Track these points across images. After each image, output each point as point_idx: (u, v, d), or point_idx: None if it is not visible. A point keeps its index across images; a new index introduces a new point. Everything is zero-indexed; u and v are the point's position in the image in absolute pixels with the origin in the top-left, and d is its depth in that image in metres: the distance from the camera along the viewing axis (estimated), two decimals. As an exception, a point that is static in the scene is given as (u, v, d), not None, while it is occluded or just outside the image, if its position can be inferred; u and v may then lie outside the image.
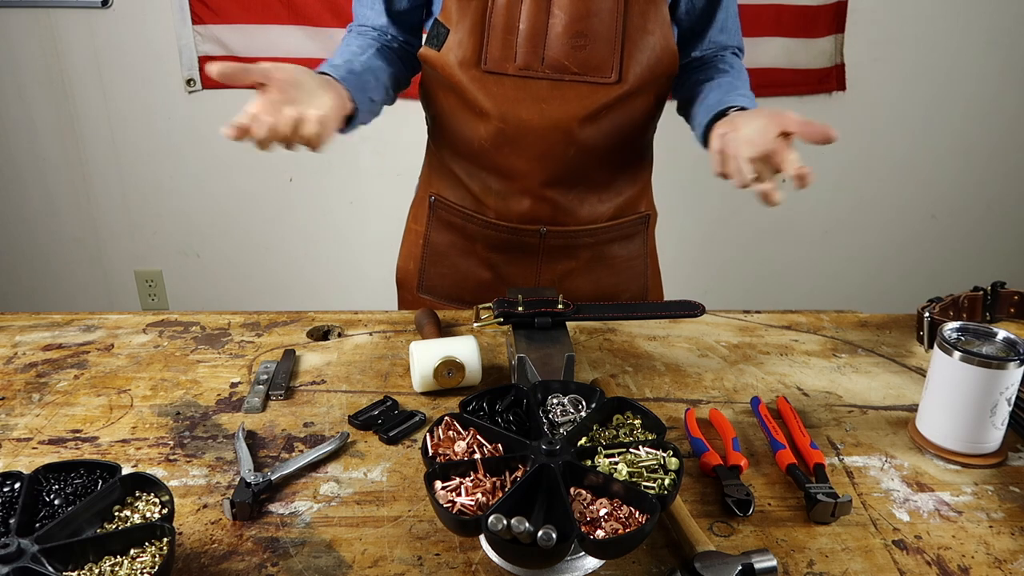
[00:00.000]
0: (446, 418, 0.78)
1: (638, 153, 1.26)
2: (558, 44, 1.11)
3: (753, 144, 0.90)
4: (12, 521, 0.66)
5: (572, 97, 1.13)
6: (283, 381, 1.03)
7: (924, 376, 0.97)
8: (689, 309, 1.07)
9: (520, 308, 1.01)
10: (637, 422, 0.80)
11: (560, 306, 1.03)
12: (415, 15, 1.24)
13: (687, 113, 1.21)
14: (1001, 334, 0.89)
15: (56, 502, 0.69)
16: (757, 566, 0.68)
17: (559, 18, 1.10)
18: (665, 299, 1.44)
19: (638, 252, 1.34)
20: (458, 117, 1.20)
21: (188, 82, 2.58)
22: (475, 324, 1.04)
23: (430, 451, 0.74)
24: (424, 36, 1.21)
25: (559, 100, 1.13)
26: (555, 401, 0.83)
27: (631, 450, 0.74)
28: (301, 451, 0.89)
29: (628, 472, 0.72)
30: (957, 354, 0.85)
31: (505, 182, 1.21)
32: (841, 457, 0.89)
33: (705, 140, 1.08)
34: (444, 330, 1.18)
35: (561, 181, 1.20)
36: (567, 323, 1.03)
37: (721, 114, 1.05)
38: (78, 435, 0.92)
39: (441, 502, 0.68)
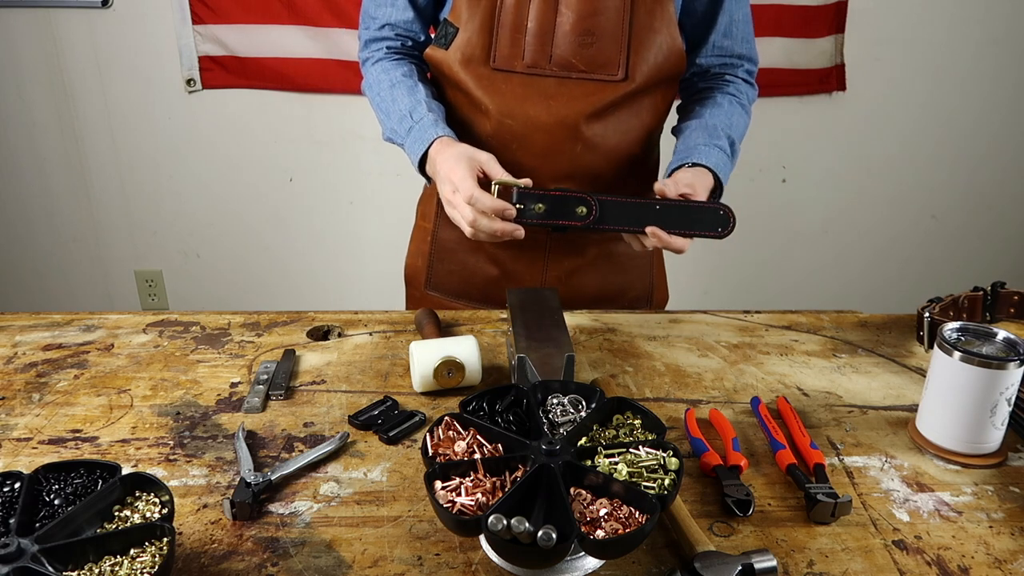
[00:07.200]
0: (446, 418, 0.78)
1: (645, 152, 1.27)
2: (566, 42, 1.11)
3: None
4: (12, 521, 0.66)
5: (579, 94, 1.14)
6: (283, 381, 1.03)
7: (924, 376, 0.97)
8: (714, 214, 1.05)
9: (540, 206, 1.03)
10: (637, 422, 0.80)
11: (582, 209, 1.04)
12: (434, 8, 1.23)
13: (677, 136, 1.25)
14: (1001, 334, 0.89)
15: (56, 502, 0.69)
16: (757, 566, 0.68)
17: (567, 16, 1.10)
18: (669, 299, 1.45)
19: (645, 251, 1.34)
20: (464, 115, 1.21)
21: (188, 82, 2.58)
22: (494, 184, 1.04)
23: (430, 451, 0.74)
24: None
25: (566, 97, 1.14)
26: (555, 401, 0.83)
27: (631, 450, 0.74)
28: (301, 451, 0.89)
29: (628, 472, 0.72)
30: (957, 354, 0.85)
31: None
32: (841, 457, 0.89)
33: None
34: (444, 330, 1.18)
35: (568, 178, 1.20)
36: (567, 323, 1.03)
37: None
38: (78, 435, 0.92)
39: (441, 502, 0.68)
